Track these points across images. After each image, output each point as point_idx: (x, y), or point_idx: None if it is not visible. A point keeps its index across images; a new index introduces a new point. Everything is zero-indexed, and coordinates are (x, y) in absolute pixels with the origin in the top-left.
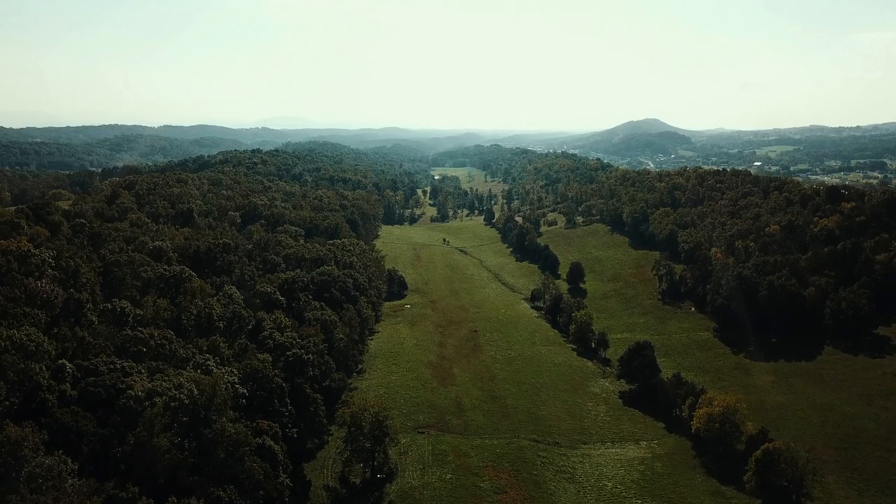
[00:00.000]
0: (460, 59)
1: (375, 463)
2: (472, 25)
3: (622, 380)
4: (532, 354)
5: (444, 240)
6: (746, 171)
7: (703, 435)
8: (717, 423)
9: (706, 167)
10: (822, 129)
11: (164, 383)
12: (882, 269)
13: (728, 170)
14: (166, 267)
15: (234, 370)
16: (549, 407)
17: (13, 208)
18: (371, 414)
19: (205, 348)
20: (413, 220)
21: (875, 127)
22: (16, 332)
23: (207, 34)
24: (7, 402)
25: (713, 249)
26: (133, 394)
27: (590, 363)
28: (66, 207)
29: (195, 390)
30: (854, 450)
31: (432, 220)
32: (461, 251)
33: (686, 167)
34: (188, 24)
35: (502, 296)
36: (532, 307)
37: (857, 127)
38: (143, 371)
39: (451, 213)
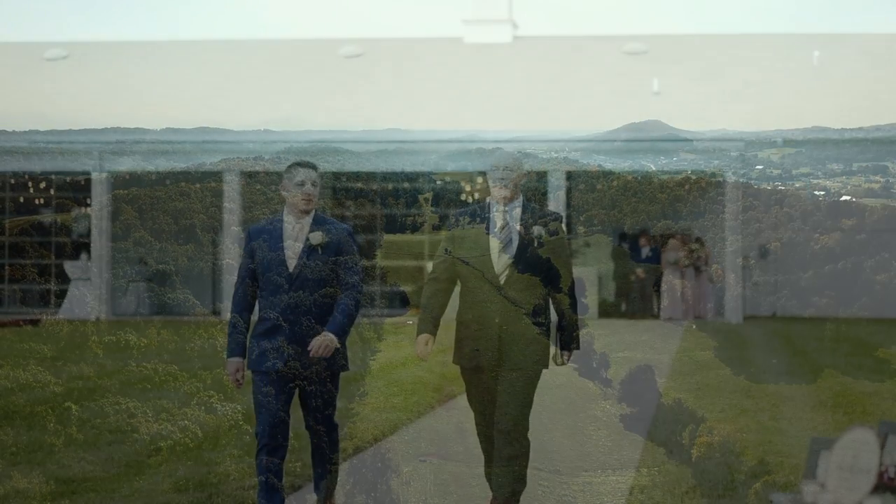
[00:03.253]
0: (461, 59)
1: (377, 495)
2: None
3: (623, 403)
4: None
5: (446, 249)
6: (748, 182)
7: (704, 464)
8: (718, 453)
9: (708, 173)
10: (824, 129)
11: (168, 425)
12: (882, 290)
13: (729, 181)
14: (171, 293)
15: (238, 406)
16: (550, 431)
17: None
18: (373, 446)
19: (209, 381)
20: (415, 228)
21: (878, 128)
22: (22, 371)
23: (208, 33)
24: (13, 449)
25: (714, 266)
26: (138, 437)
27: (591, 384)
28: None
29: (199, 432)
30: None
31: (434, 227)
32: (463, 262)
33: (689, 175)
34: (189, 23)
35: None
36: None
37: (860, 128)
38: (147, 411)
39: (452, 221)
